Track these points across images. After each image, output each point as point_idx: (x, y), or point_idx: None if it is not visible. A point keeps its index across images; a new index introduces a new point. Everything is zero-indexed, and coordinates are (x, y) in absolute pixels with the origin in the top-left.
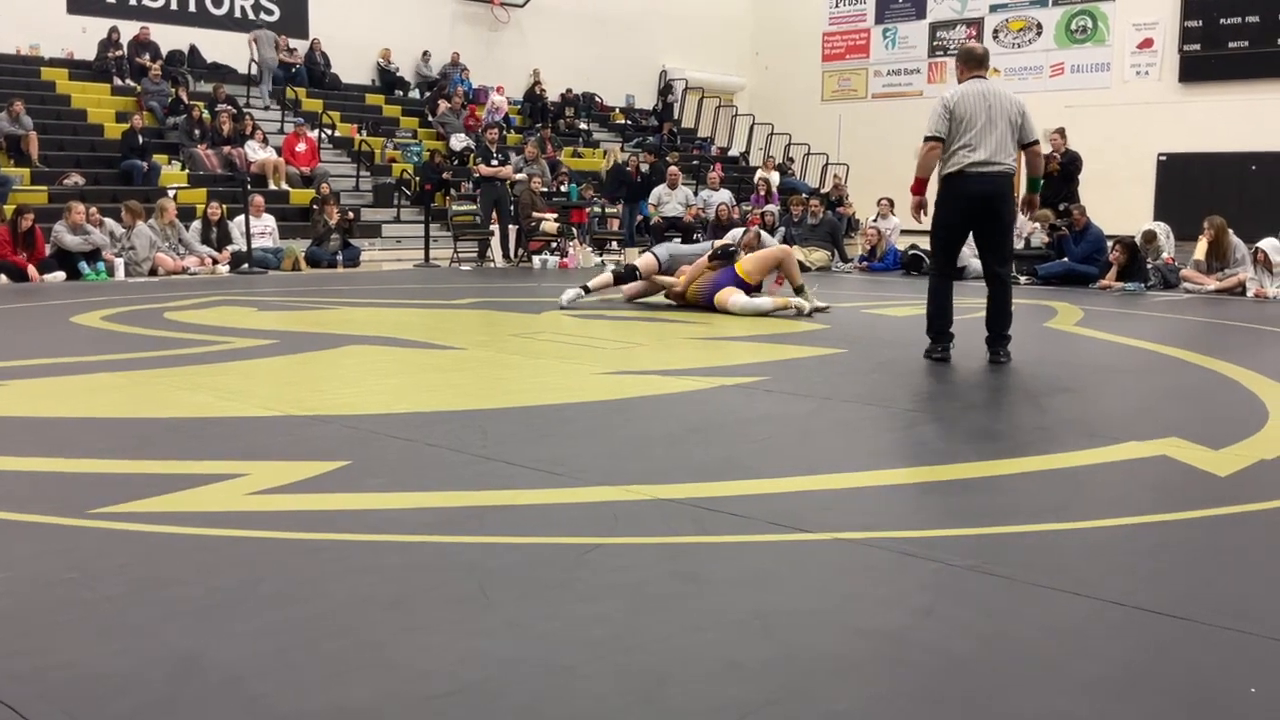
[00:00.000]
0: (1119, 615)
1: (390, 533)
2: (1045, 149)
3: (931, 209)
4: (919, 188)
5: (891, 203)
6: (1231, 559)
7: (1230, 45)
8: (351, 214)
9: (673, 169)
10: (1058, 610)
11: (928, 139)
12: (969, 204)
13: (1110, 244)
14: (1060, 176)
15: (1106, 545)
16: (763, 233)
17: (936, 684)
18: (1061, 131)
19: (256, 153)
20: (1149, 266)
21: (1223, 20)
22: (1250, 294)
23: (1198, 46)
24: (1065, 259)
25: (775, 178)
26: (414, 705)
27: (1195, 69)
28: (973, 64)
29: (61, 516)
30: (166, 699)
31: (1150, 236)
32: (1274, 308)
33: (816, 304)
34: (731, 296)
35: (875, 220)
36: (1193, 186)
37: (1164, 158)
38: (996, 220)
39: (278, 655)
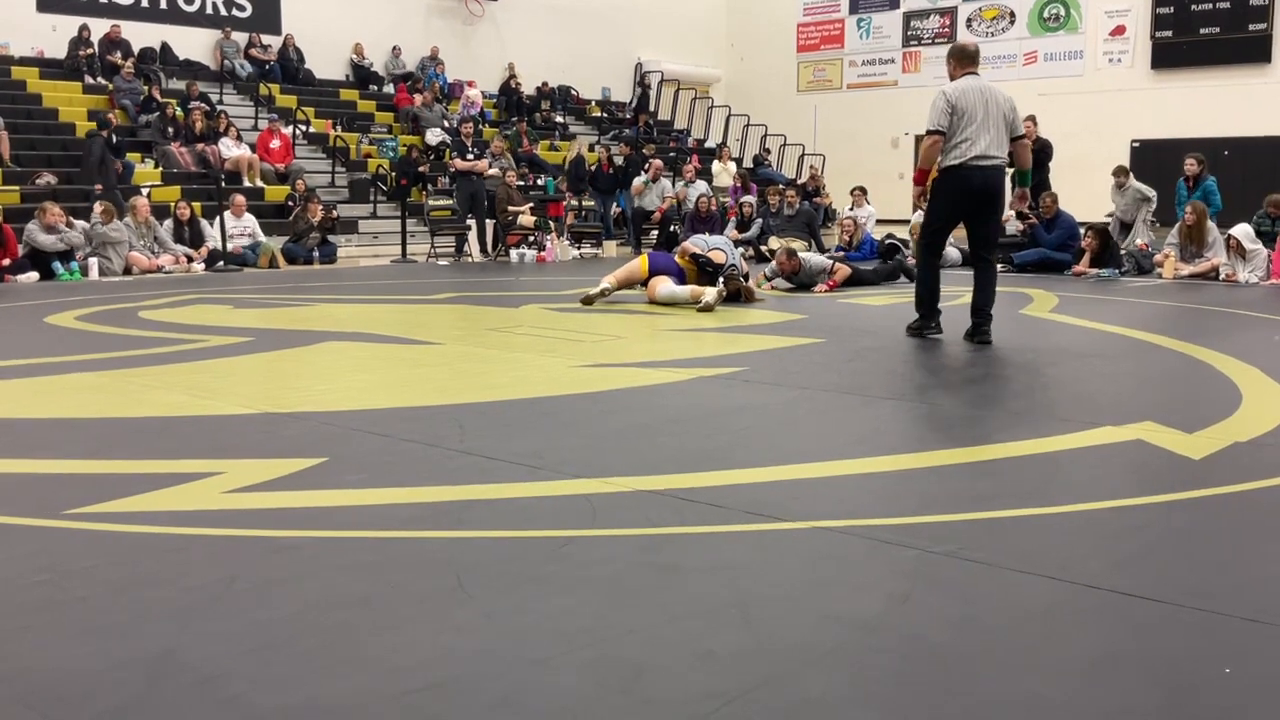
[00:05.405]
0: (1095, 599)
1: (367, 529)
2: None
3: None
4: (921, 178)
5: (865, 191)
6: (1206, 541)
7: (1202, 31)
8: (335, 212)
9: (656, 162)
10: (1034, 595)
11: (930, 132)
12: (968, 197)
13: (1083, 231)
14: (1032, 163)
15: (1082, 529)
16: (802, 255)
17: (913, 670)
18: (1033, 119)
19: (230, 150)
20: (1122, 252)
21: (1194, 6)
22: (1222, 278)
23: (1169, 33)
24: (1040, 246)
25: (732, 168)
26: (391, 700)
27: (1167, 55)
28: (966, 61)
29: (35, 518)
30: (143, 699)
31: (1121, 171)
32: (1246, 292)
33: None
34: (660, 286)
35: (851, 210)
36: (1166, 173)
37: (1137, 144)
38: (992, 211)
39: (254, 653)
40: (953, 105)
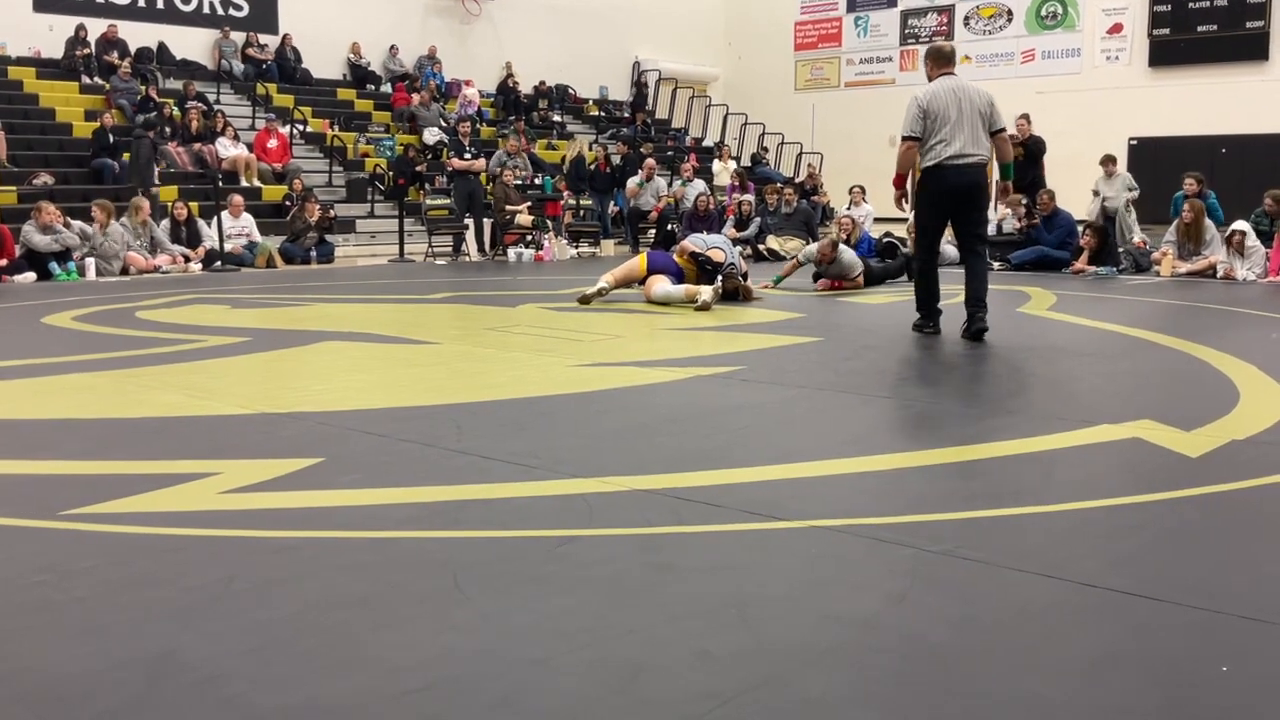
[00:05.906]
0: (1092, 597)
1: (364, 529)
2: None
3: (913, 199)
4: (899, 182)
5: (864, 190)
6: (1203, 539)
7: (1199, 29)
8: (332, 211)
9: (650, 161)
10: (1031, 593)
11: (905, 139)
12: (948, 196)
13: (1081, 228)
14: (1025, 160)
15: (1080, 528)
16: (841, 246)
17: (911, 669)
18: (1026, 117)
19: (228, 149)
20: (1119, 250)
21: (1191, 4)
22: (1219, 275)
23: (1167, 31)
24: (1038, 245)
25: (732, 166)
26: (390, 700)
27: (1165, 53)
28: (942, 62)
29: (32, 518)
30: (143, 699)
31: (1109, 160)
32: (1243, 289)
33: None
34: (655, 285)
35: (849, 208)
36: (1163, 171)
37: (1135, 142)
38: (974, 208)
39: (253, 653)
40: (924, 109)
